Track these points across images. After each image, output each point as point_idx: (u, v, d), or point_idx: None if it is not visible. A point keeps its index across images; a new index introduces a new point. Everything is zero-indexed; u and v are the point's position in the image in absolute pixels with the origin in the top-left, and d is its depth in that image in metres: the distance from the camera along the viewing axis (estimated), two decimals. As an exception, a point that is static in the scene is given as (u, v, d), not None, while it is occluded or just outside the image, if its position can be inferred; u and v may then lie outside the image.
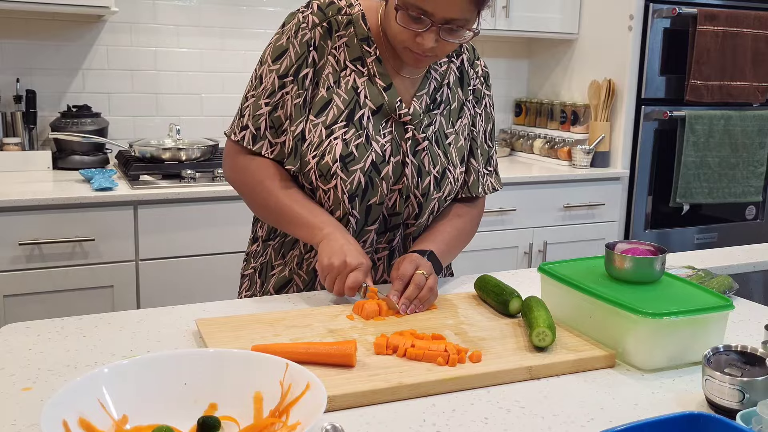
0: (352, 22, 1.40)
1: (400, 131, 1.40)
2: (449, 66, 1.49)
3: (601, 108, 3.25)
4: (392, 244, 1.45)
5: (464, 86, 1.51)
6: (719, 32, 3.20)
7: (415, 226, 1.45)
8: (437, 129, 1.44)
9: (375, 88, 1.39)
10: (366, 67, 1.39)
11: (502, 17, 3.26)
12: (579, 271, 1.23)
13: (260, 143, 1.39)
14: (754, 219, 3.59)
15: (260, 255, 1.52)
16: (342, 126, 1.36)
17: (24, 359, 1.06)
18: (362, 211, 1.39)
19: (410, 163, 1.40)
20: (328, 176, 1.36)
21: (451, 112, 1.48)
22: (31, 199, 2.27)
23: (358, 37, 1.39)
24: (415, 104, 1.42)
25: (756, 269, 1.74)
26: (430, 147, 1.42)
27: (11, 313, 2.29)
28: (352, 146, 1.36)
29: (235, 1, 3.09)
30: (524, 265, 3.11)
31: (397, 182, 1.40)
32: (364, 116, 1.38)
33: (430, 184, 1.42)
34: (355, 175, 1.36)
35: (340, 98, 1.37)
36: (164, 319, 1.24)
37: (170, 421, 0.81)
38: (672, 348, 1.09)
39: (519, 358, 1.07)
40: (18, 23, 2.78)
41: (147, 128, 3.02)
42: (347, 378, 0.98)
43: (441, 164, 1.43)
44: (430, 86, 1.45)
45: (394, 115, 1.40)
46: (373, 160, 1.37)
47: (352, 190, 1.36)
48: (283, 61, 1.38)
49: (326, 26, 1.38)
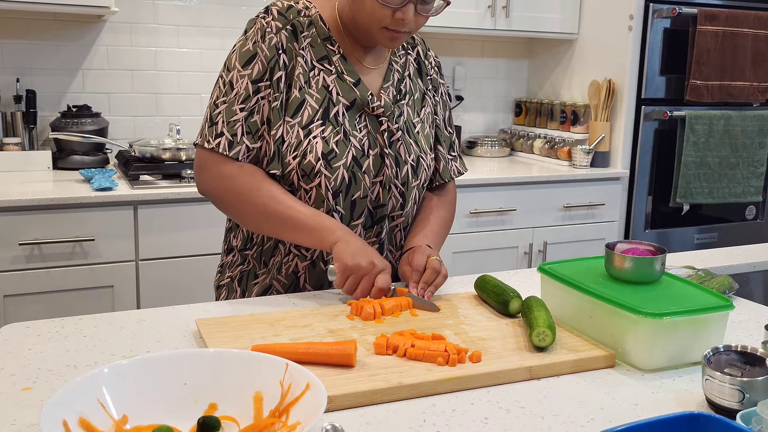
0: (313, 23, 1.42)
1: (374, 124, 1.43)
2: (407, 57, 1.54)
3: (601, 108, 3.25)
4: (380, 236, 1.46)
5: (423, 76, 1.55)
6: (719, 32, 3.20)
7: (402, 217, 1.48)
8: (406, 119, 1.48)
9: (345, 85, 1.41)
10: (333, 65, 1.42)
11: (502, 17, 3.26)
12: (579, 271, 1.23)
13: (237, 149, 1.36)
14: (754, 219, 3.59)
15: (238, 264, 1.51)
16: (319, 124, 1.38)
17: (24, 359, 1.06)
18: (347, 206, 1.41)
19: (388, 154, 1.43)
20: (311, 175, 1.37)
21: (415, 102, 1.52)
22: (31, 199, 2.27)
23: (320, 37, 1.42)
24: (384, 96, 1.45)
25: (756, 269, 1.74)
26: (403, 137, 1.46)
27: (11, 313, 2.29)
28: (332, 143, 1.37)
29: (235, 1, 3.09)
30: (524, 265, 3.11)
31: (378, 174, 1.42)
32: (339, 113, 1.40)
33: (408, 172, 1.46)
34: (339, 171, 1.37)
35: (312, 98, 1.39)
36: (164, 319, 1.24)
37: (170, 421, 0.81)
38: (672, 348, 1.09)
39: (519, 358, 1.07)
40: (18, 23, 2.78)
41: (147, 128, 3.02)
42: (347, 378, 0.98)
43: (414, 152, 1.47)
44: (394, 77, 1.49)
45: (367, 109, 1.42)
46: (353, 155, 1.39)
47: (336, 186, 1.38)
48: (254, 66, 1.37)
49: (290, 29, 1.39)
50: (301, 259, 1.43)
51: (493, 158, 3.53)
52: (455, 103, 3.62)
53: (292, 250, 1.43)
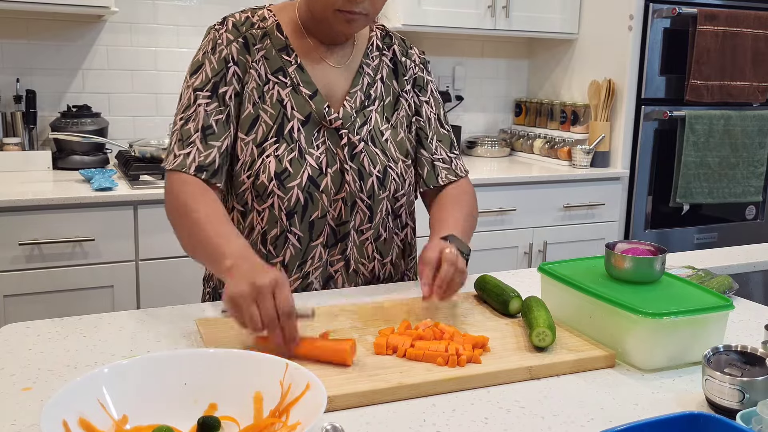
0: (268, 34, 1.39)
1: (333, 139, 1.38)
2: (381, 60, 1.48)
3: (601, 108, 3.25)
4: (345, 254, 1.42)
5: (399, 77, 1.49)
6: (719, 32, 3.20)
7: (372, 229, 1.43)
8: (372, 127, 1.42)
9: (300, 98, 1.37)
10: (288, 77, 1.38)
11: (502, 17, 3.26)
12: (579, 271, 1.24)
13: (169, 158, 1.33)
14: (754, 219, 3.59)
15: (211, 279, 1.52)
16: (273, 142, 1.34)
17: (24, 359, 1.06)
18: (305, 227, 1.36)
19: (349, 168, 1.38)
20: (264, 195, 1.34)
21: (385, 107, 1.46)
22: (31, 199, 2.27)
23: (276, 48, 1.38)
24: (347, 104, 1.40)
25: (756, 269, 1.74)
26: (366, 147, 1.40)
27: (11, 313, 2.29)
28: (286, 162, 1.34)
29: (235, 2, 3.08)
30: (524, 265, 3.11)
31: (339, 191, 1.38)
32: (294, 129, 1.36)
33: (374, 185, 1.40)
34: (293, 191, 1.34)
35: (266, 113, 1.36)
36: (164, 319, 1.24)
37: (170, 421, 0.81)
38: (672, 348, 1.09)
39: (519, 358, 1.07)
40: (18, 23, 2.78)
41: (147, 128, 3.02)
42: (347, 378, 0.98)
43: (381, 163, 1.41)
44: (364, 82, 1.44)
45: (325, 122, 1.38)
46: (309, 175, 1.35)
47: (290, 207, 1.34)
48: (199, 76, 1.35)
49: (242, 41, 1.37)
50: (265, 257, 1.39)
51: (493, 158, 3.53)
52: (455, 103, 3.62)
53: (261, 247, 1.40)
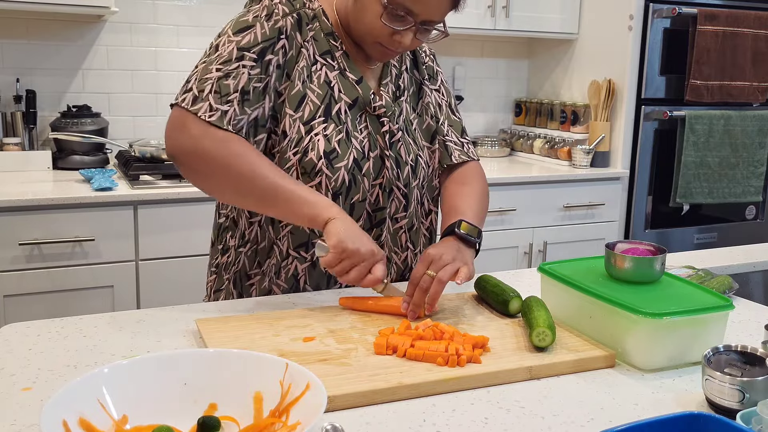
0: (317, 17, 1.38)
1: (375, 125, 1.40)
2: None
3: (601, 108, 3.25)
4: (380, 239, 1.43)
5: (419, 66, 1.54)
6: (719, 32, 3.20)
7: (406, 218, 1.45)
8: (405, 117, 1.46)
9: (348, 82, 1.38)
10: (335, 60, 1.38)
11: (502, 17, 3.26)
12: (579, 271, 1.23)
13: (199, 105, 1.25)
14: (754, 219, 3.59)
15: (233, 264, 1.45)
16: (321, 121, 1.34)
17: (24, 359, 1.06)
18: (346, 208, 1.36)
19: (389, 156, 1.40)
20: (312, 173, 1.33)
21: (411, 97, 1.50)
22: (31, 199, 2.27)
23: (324, 32, 1.38)
24: (384, 94, 1.43)
25: (756, 269, 1.74)
26: (403, 137, 1.44)
27: (11, 313, 2.29)
28: (334, 142, 1.34)
29: (235, 1, 3.08)
30: (524, 265, 3.11)
31: (378, 177, 1.40)
32: (341, 110, 1.37)
33: (409, 174, 1.44)
34: (340, 172, 1.34)
35: (314, 93, 1.35)
36: (164, 319, 1.23)
37: (170, 421, 0.81)
38: (672, 348, 1.09)
39: (519, 358, 1.07)
40: (18, 23, 2.78)
41: (147, 128, 3.02)
42: (347, 378, 0.98)
43: (413, 152, 1.45)
44: (392, 73, 1.47)
45: (369, 109, 1.40)
46: (354, 157, 1.36)
47: (337, 188, 1.35)
48: (246, 36, 1.30)
49: (296, 17, 1.35)
50: (300, 261, 1.39)
51: (493, 158, 3.53)
52: (455, 103, 3.61)
53: (291, 252, 1.39)
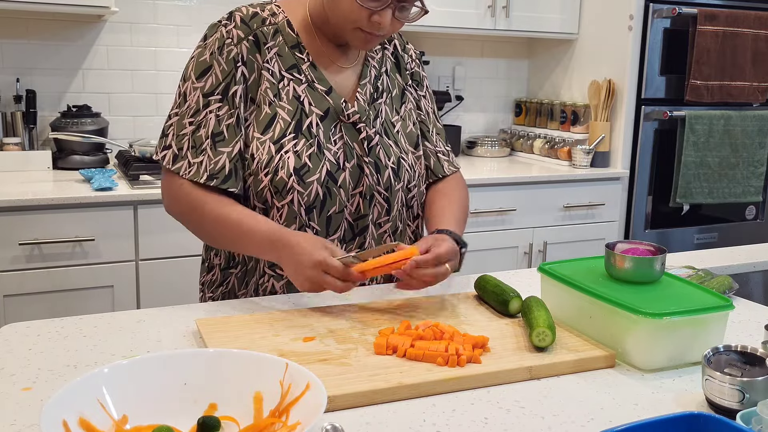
0: (279, 31, 1.36)
1: (351, 134, 1.39)
2: (384, 53, 1.50)
3: (601, 108, 3.25)
4: (363, 247, 1.41)
5: (402, 71, 1.52)
6: (719, 32, 3.20)
7: (390, 222, 1.44)
8: (384, 119, 1.44)
9: (317, 94, 1.37)
10: (302, 74, 1.37)
11: (502, 17, 3.26)
12: (579, 271, 1.23)
13: (180, 163, 1.31)
14: (754, 219, 3.59)
15: (218, 284, 1.46)
16: (291, 138, 1.33)
17: (24, 359, 1.06)
18: (322, 222, 1.36)
19: (368, 162, 1.39)
20: (283, 192, 1.33)
21: (393, 99, 1.48)
22: (31, 199, 2.27)
23: (288, 45, 1.37)
24: (359, 97, 1.41)
25: (756, 269, 1.74)
26: (381, 140, 1.42)
27: (11, 313, 2.29)
28: (305, 157, 1.33)
29: (235, 1, 3.08)
30: (524, 265, 3.11)
31: (357, 186, 1.38)
32: (312, 124, 1.35)
33: (390, 177, 1.42)
34: (312, 186, 1.33)
35: (284, 110, 1.34)
36: (164, 319, 1.24)
37: (170, 421, 0.81)
38: (672, 348, 1.09)
39: (519, 358, 1.07)
40: (18, 23, 2.78)
41: (147, 128, 3.02)
42: (347, 378, 0.98)
43: (394, 154, 1.43)
44: (371, 74, 1.45)
45: (343, 117, 1.38)
46: (328, 169, 1.34)
47: (310, 202, 1.34)
48: (208, 79, 1.32)
49: (252, 39, 1.34)
50: (276, 278, 1.38)
51: (493, 158, 3.53)
52: (455, 103, 3.62)
53: (267, 271, 1.38)
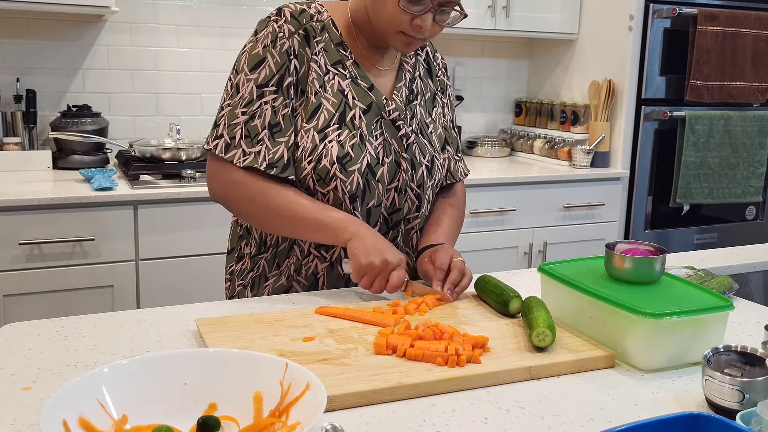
0: (326, 28, 1.42)
1: (390, 130, 1.43)
2: (417, 58, 1.54)
3: (601, 108, 3.25)
4: (396, 241, 1.47)
5: (433, 77, 1.57)
6: (719, 32, 3.20)
7: (418, 218, 1.49)
8: (419, 119, 1.49)
9: (360, 89, 1.42)
10: (346, 69, 1.42)
11: (502, 17, 3.26)
12: (579, 271, 1.23)
13: (233, 152, 1.35)
14: (754, 219, 3.59)
15: (248, 271, 1.50)
16: (335, 128, 1.37)
17: (24, 359, 1.06)
18: (364, 213, 1.40)
19: (405, 158, 1.43)
20: (326, 179, 1.36)
21: (426, 102, 1.53)
22: (31, 199, 2.27)
23: (333, 42, 1.42)
24: (396, 97, 1.46)
25: (756, 269, 1.74)
26: (417, 138, 1.47)
27: (11, 313, 2.29)
28: (348, 147, 1.37)
29: (235, 1, 3.09)
30: (524, 265, 3.11)
31: (393, 181, 1.43)
32: (355, 116, 1.40)
33: (424, 174, 1.47)
34: (354, 176, 1.37)
35: (329, 102, 1.38)
36: (164, 319, 1.24)
37: (170, 421, 0.81)
38: (672, 348, 1.09)
39: (519, 359, 1.07)
40: (18, 23, 2.78)
41: (147, 128, 3.02)
42: (346, 378, 0.98)
43: (429, 153, 1.48)
44: (406, 78, 1.50)
45: (384, 113, 1.42)
46: (368, 162, 1.39)
47: (352, 191, 1.38)
48: (262, 71, 1.36)
49: (303, 33, 1.38)
50: (320, 260, 1.43)
51: (493, 158, 3.53)
52: (455, 103, 3.61)
53: (312, 251, 1.43)
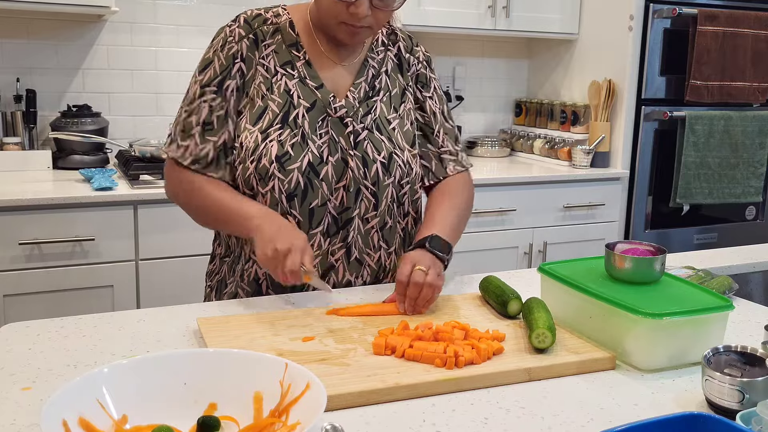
0: (279, 30, 1.44)
1: (338, 128, 1.42)
2: (386, 54, 1.52)
3: (601, 108, 3.25)
4: (347, 240, 1.42)
5: (404, 72, 1.54)
6: (719, 32, 3.20)
7: (377, 217, 1.44)
8: (377, 116, 1.46)
9: (307, 89, 1.42)
10: (295, 70, 1.43)
11: (502, 17, 3.26)
12: (579, 271, 1.23)
13: (171, 146, 1.43)
14: (754, 219, 3.59)
15: (216, 273, 1.53)
16: (277, 128, 1.39)
17: (24, 359, 1.06)
18: (304, 213, 1.38)
19: (353, 156, 1.41)
20: (266, 178, 1.37)
21: (392, 98, 1.50)
22: (31, 199, 2.27)
23: (286, 44, 1.43)
24: (350, 95, 1.44)
25: (756, 269, 1.74)
26: (370, 135, 1.43)
27: (11, 313, 2.29)
28: (287, 146, 1.37)
29: (235, 1, 3.08)
30: (524, 265, 3.11)
31: (340, 180, 1.40)
32: (298, 115, 1.40)
33: (378, 171, 1.43)
34: (293, 174, 1.37)
35: (274, 102, 1.40)
36: (164, 319, 1.24)
37: (170, 421, 0.81)
38: (672, 348, 1.09)
39: (518, 360, 1.07)
40: (18, 23, 2.78)
41: (147, 128, 3.02)
42: (344, 378, 0.98)
43: (386, 149, 1.44)
44: (368, 74, 1.48)
45: (330, 110, 1.41)
46: (309, 161, 1.38)
47: (290, 190, 1.37)
48: (207, 72, 1.42)
49: (252, 38, 1.42)
50: (259, 266, 1.41)
51: (493, 158, 3.53)
52: (455, 103, 3.62)
53: (252, 257, 1.42)
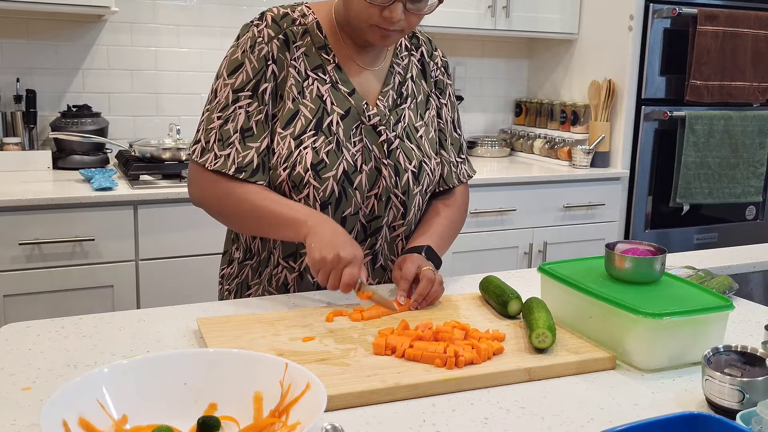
0: (308, 32, 1.39)
1: (371, 136, 1.40)
2: (410, 59, 1.50)
3: (601, 108, 3.25)
4: (375, 248, 1.43)
5: (427, 78, 1.52)
6: (719, 32, 3.20)
7: (404, 226, 1.45)
8: (407, 124, 1.44)
9: (340, 94, 1.39)
10: (327, 74, 1.39)
11: (502, 17, 3.26)
12: (579, 271, 1.23)
13: (206, 156, 1.35)
14: (754, 219, 3.59)
15: (234, 276, 1.50)
16: (311, 135, 1.35)
17: (24, 359, 1.06)
18: (336, 221, 1.36)
19: (386, 164, 1.40)
20: (300, 186, 1.35)
21: (418, 105, 1.48)
22: (31, 199, 2.27)
23: (315, 46, 1.39)
24: (380, 103, 1.42)
25: (756, 269, 1.74)
26: (402, 144, 1.42)
27: (11, 313, 2.29)
28: (323, 153, 1.35)
29: (235, 1, 3.08)
30: (524, 265, 3.11)
31: (372, 188, 1.39)
32: (333, 122, 1.37)
33: (409, 180, 1.42)
34: (328, 182, 1.35)
35: (306, 108, 1.36)
36: (164, 319, 1.24)
37: (170, 421, 0.81)
38: (672, 348, 1.09)
39: (518, 360, 1.07)
40: (18, 23, 2.78)
41: (147, 128, 3.02)
42: (344, 378, 0.98)
43: (416, 158, 1.43)
44: (395, 81, 1.46)
45: (364, 118, 1.39)
46: (344, 169, 1.36)
47: (325, 198, 1.35)
48: (239, 76, 1.36)
49: (282, 38, 1.37)
50: (289, 270, 1.41)
51: (493, 158, 3.53)
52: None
53: (281, 261, 1.41)
